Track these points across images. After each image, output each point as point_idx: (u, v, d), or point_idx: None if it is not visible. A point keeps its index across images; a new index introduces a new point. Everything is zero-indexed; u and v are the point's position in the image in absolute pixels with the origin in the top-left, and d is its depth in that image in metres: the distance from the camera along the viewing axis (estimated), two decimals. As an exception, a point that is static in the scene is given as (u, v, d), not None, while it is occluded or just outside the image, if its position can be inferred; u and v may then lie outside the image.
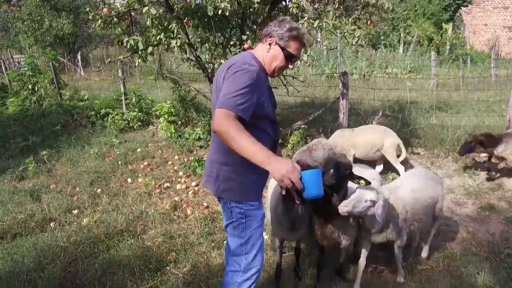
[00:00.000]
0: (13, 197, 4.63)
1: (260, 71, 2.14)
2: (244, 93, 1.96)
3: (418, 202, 3.20)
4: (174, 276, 3.13)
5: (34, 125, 7.73)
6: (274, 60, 2.19)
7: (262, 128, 2.19)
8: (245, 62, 2.08)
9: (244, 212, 2.21)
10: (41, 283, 3.00)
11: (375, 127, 5.70)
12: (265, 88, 2.17)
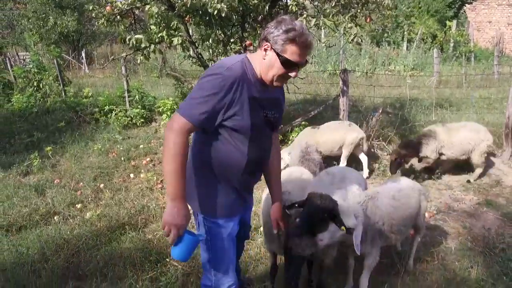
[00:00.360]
0: (18, 192, 4.74)
1: (242, 78, 1.88)
2: (206, 102, 1.81)
3: (397, 211, 2.89)
4: (174, 268, 3.21)
5: (38, 122, 7.86)
6: (270, 68, 1.89)
7: (233, 143, 1.96)
8: (223, 66, 1.88)
9: (208, 228, 2.08)
10: (45, 273, 3.10)
11: (339, 124, 5.79)
12: (244, 99, 1.89)
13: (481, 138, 5.16)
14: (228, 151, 1.96)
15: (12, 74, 10.12)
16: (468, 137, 5.16)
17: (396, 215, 2.85)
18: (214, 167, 2.00)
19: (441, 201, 4.86)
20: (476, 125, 5.43)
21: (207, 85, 1.83)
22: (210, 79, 1.84)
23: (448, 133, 5.20)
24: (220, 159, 1.98)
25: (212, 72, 1.86)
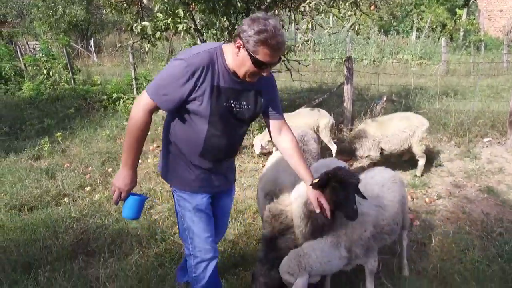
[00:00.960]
0: (30, 175, 4.91)
1: (208, 66, 1.95)
2: (169, 84, 1.93)
3: (386, 210, 2.66)
4: (178, 245, 3.35)
5: (49, 109, 8.04)
6: (242, 65, 1.94)
7: (193, 125, 2.07)
8: (191, 52, 1.96)
9: (177, 200, 2.26)
10: (55, 249, 3.26)
11: (309, 111, 5.85)
12: (207, 86, 1.96)
13: (415, 124, 5.00)
14: (187, 131, 2.10)
15: (22, 62, 10.29)
16: (400, 126, 4.99)
17: (385, 215, 2.64)
18: (177, 144, 2.16)
19: (442, 187, 4.91)
20: (407, 114, 5.32)
21: (172, 70, 1.95)
22: (176, 64, 1.95)
23: (379, 127, 5.02)
24: (181, 138, 2.14)
25: (179, 57, 1.96)
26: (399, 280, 2.98)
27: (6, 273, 2.95)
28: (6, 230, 3.58)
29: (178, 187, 2.23)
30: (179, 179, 2.21)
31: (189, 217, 2.23)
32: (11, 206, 4.03)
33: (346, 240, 2.45)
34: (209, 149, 2.13)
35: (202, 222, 2.24)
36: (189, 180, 2.20)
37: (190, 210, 2.22)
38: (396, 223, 2.75)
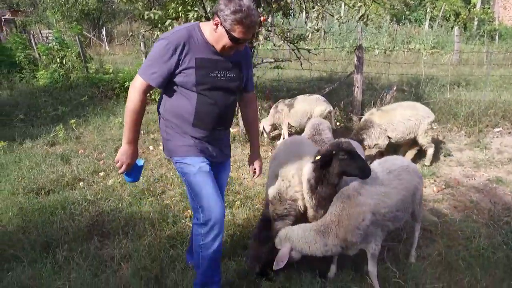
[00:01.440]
0: (46, 160, 5.06)
1: (188, 41, 2.15)
2: (155, 63, 2.16)
3: (388, 197, 2.68)
4: (189, 227, 3.46)
5: (62, 96, 8.20)
6: (220, 40, 2.16)
7: (183, 96, 2.28)
8: (171, 31, 2.22)
9: (180, 168, 2.40)
10: (72, 230, 3.40)
11: (307, 97, 5.91)
12: (190, 58, 2.17)
13: (421, 114, 4.96)
14: (179, 104, 2.30)
15: (36, 51, 10.46)
16: (406, 114, 4.97)
17: (387, 202, 2.65)
18: (171, 119, 2.36)
19: (451, 177, 4.93)
20: (412, 103, 5.28)
21: (157, 49, 2.17)
22: (159, 44, 2.17)
23: (385, 116, 5.01)
24: (174, 112, 2.34)
25: (162, 37, 2.19)
26: (404, 265, 3.04)
27: (26, 252, 3.10)
28: (25, 212, 3.73)
29: (179, 154, 2.38)
30: (179, 147, 2.38)
31: (196, 181, 2.34)
32: (29, 190, 4.18)
33: (340, 230, 2.55)
34: (200, 118, 2.32)
35: (209, 183, 2.35)
36: (188, 146, 2.37)
37: (195, 173, 2.34)
38: (402, 210, 2.75)
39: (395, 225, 2.82)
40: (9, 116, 7.17)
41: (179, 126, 2.35)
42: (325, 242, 2.57)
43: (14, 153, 5.30)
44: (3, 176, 4.51)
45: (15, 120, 7.00)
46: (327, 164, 2.60)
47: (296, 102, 5.83)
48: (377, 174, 2.76)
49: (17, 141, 5.87)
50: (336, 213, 2.59)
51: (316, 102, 5.69)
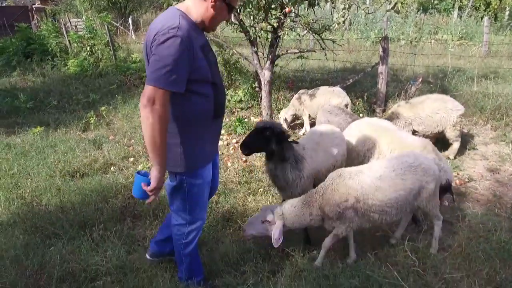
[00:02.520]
0: (79, 145, 5.33)
1: (191, 31, 2.00)
2: (175, 65, 1.89)
3: (380, 192, 2.76)
4: (215, 212, 3.63)
5: (92, 84, 8.51)
6: (219, 15, 2.12)
7: (201, 92, 2.12)
8: (172, 26, 1.93)
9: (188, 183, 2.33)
10: (106, 211, 3.63)
11: (325, 89, 5.95)
12: (198, 50, 2.04)
13: (449, 107, 4.91)
14: (198, 101, 2.12)
15: (67, 39, 10.81)
16: (434, 107, 4.91)
17: (378, 196, 2.74)
18: (188, 120, 2.14)
19: (474, 170, 4.91)
20: (441, 96, 5.19)
21: (169, 51, 1.89)
22: (169, 43, 1.90)
23: (412, 109, 4.98)
24: (193, 111, 2.13)
25: (168, 36, 1.90)
26: (424, 255, 3.11)
27: (65, 230, 3.34)
28: (62, 193, 3.99)
29: (193, 168, 2.25)
30: (195, 159, 2.24)
31: (196, 192, 2.34)
32: (65, 172, 4.45)
33: (322, 201, 2.79)
34: (218, 107, 2.24)
35: (206, 193, 2.45)
36: (204, 152, 2.28)
37: (200, 185, 2.33)
38: (394, 208, 2.80)
39: (385, 219, 2.86)
40: (43, 102, 7.52)
41: (195, 130, 2.19)
42: (310, 212, 2.82)
43: (49, 138, 5.59)
44: (41, 159, 4.80)
45: (49, 107, 7.34)
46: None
47: (316, 93, 5.90)
48: (379, 167, 2.87)
49: (52, 126, 6.18)
50: (324, 186, 2.84)
51: (333, 94, 5.73)
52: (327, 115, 4.84)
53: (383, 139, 3.69)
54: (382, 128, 3.85)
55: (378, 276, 2.78)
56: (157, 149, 1.99)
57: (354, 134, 3.89)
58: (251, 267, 2.86)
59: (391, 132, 3.78)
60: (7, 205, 3.78)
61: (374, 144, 3.71)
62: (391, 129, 3.84)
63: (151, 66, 1.93)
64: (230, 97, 7.23)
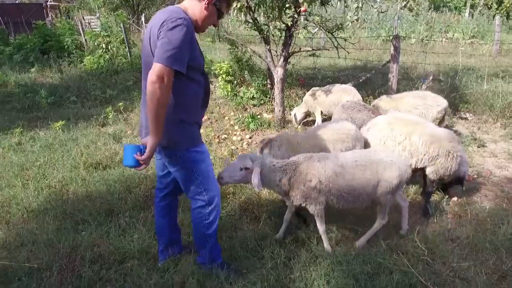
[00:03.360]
0: (99, 138, 5.56)
1: (191, 25, 2.28)
2: (182, 48, 2.16)
3: (340, 177, 3.04)
4: (233, 202, 3.82)
5: (109, 80, 8.74)
6: (209, 18, 2.38)
7: (196, 79, 2.39)
8: (179, 17, 2.20)
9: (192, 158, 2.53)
10: (130, 200, 3.83)
11: (337, 86, 6.05)
12: (195, 42, 2.34)
13: (428, 103, 4.95)
14: (193, 86, 2.39)
15: (84, 37, 11.07)
16: (413, 103, 4.98)
17: (338, 182, 3.02)
18: (182, 107, 2.36)
19: (483, 167, 5.02)
20: (422, 92, 5.26)
21: (177, 35, 2.15)
22: (178, 30, 2.16)
23: (392, 103, 5.07)
24: (189, 95, 2.38)
25: (177, 23, 2.16)
26: (433, 245, 3.26)
27: (93, 217, 3.55)
28: (87, 183, 4.21)
29: (191, 144, 2.49)
30: (191, 137, 2.49)
31: (205, 166, 2.57)
32: (88, 164, 4.66)
33: (293, 175, 3.04)
34: (206, 97, 2.53)
35: (212, 167, 2.67)
36: (197, 134, 2.56)
37: (203, 159, 2.56)
38: (352, 195, 3.08)
39: (342, 204, 3.13)
40: (62, 98, 7.77)
41: (188, 116, 2.43)
42: (280, 178, 3.04)
43: (71, 132, 5.83)
44: (65, 151, 5.02)
45: (67, 102, 7.59)
46: None
47: (329, 91, 6.03)
48: (345, 157, 3.15)
49: (72, 121, 6.42)
50: (298, 163, 3.09)
51: (344, 92, 5.85)
52: (349, 112, 4.87)
53: (414, 132, 3.81)
54: (412, 121, 3.95)
55: (389, 263, 2.94)
56: (159, 120, 2.22)
57: (383, 128, 3.98)
58: (268, 253, 3.04)
59: (421, 124, 3.90)
60: (36, 194, 4.01)
61: (406, 137, 3.81)
62: (421, 122, 3.97)
63: (160, 47, 2.14)
64: (243, 93, 7.40)
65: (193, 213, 2.70)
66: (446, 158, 3.77)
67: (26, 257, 3.04)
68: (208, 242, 2.73)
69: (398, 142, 3.85)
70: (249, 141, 5.79)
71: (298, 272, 2.84)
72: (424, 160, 3.81)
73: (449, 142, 3.76)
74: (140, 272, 2.82)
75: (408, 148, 3.80)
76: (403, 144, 3.82)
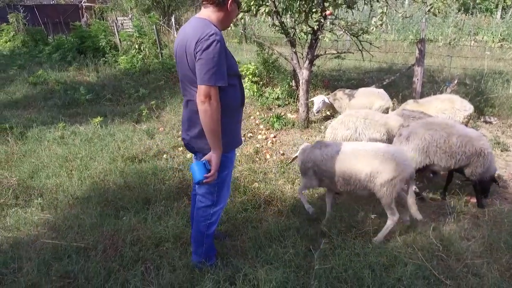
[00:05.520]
0: (134, 134, 5.95)
1: (221, 35, 2.36)
2: (220, 64, 2.29)
3: (328, 161, 3.46)
4: (257, 196, 4.09)
5: (141, 80, 9.20)
6: (234, 14, 2.55)
7: (232, 83, 2.50)
8: (210, 33, 2.29)
9: (223, 163, 2.61)
10: (164, 190, 4.17)
11: (369, 90, 6.10)
12: (227, 50, 2.44)
13: (456, 107, 4.99)
14: (231, 90, 2.50)
15: (118, 37, 11.62)
16: (441, 107, 5.02)
17: (326, 166, 3.48)
18: (225, 109, 2.45)
19: (505, 171, 5.08)
20: (450, 96, 5.25)
21: (218, 52, 2.28)
22: (212, 47, 2.27)
23: (420, 108, 5.05)
24: (228, 100, 2.49)
25: (210, 41, 2.28)
26: (448, 242, 3.41)
27: (131, 204, 3.91)
28: (125, 175, 4.58)
29: (227, 149, 2.60)
30: (228, 142, 2.58)
31: (226, 172, 2.71)
32: (125, 158, 5.05)
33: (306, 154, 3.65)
34: (242, 96, 2.66)
35: (230, 177, 2.84)
36: (237, 134, 2.70)
37: (228, 166, 2.69)
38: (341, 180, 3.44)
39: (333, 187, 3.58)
40: (99, 95, 8.27)
41: (231, 113, 2.55)
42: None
43: (108, 127, 6.26)
44: (103, 145, 5.44)
45: (103, 100, 8.08)
46: None
47: (357, 93, 6.12)
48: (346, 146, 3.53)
49: (109, 117, 6.86)
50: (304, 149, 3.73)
51: (377, 96, 5.93)
52: (407, 120, 4.63)
53: (451, 134, 3.94)
54: (447, 124, 4.07)
55: (404, 256, 3.14)
56: (216, 135, 2.40)
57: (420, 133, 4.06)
58: (290, 242, 3.29)
59: (454, 126, 4.03)
60: (80, 183, 4.41)
61: (445, 140, 3.92)
62: (452, 124, 4.09)
63: (200, 69, 2.28)
64: (268, 94, 7.66)
65: (198, 212, 2.85)
66: (479, 156, 3.93)
67: (73, 238, 3.41)
68: (205, 241, 2.89)
69: (439, 147, 3.93)
70: (274, 140, 6.04)
71: (318, 260, 3.07)
72: (461, 161, 3.95)
73: (479, 141, 3.93)
74: (174, 254, 3.13)
75: (449, 150, 3.92)
76: (443, 148, 3.93)
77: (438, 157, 3.94)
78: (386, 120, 4.52)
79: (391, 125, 4.49)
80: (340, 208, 3.89)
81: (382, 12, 5.19)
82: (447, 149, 3.93)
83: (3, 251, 3.26)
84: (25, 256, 3.13)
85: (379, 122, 4.46)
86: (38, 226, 3.65)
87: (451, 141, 3.93)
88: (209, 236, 2.90)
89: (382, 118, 4.58)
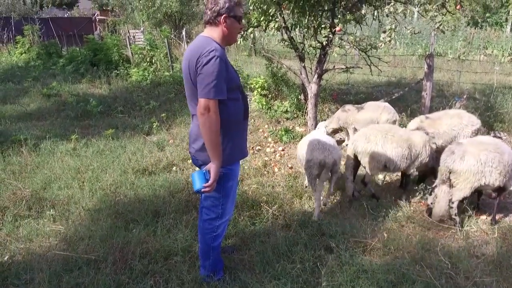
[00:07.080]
0: (145, 146, 6.05)
1: (222, 51, 2.48)
2: (220, 78, 2.39)
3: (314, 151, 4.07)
4: (266, 210, 4.11)
5: (152, 92, 9.36)
6: (234, 30, 2.59)
7: (235, 97, 2.58)
8: (211, 49, 2.40)
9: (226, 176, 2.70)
10: (173, 203, 4.22)
11: (375, 104, 6.10)
12: (229, 65, 2.55)
13: (464, 123, 5.03)
14: (233, 105, 2.58)
15: (130, 50, 11.87)
16: (450, 123, 5.04)
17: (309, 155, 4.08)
18: (227, 122, 2.54)
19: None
20: (458, 111, 5.27)
21: (213, 68, 2.37)
22: (212, 62, 2.38)
23: (432, 124, 5.09)
24: (230, 113, 2.57)
25: (210, 57, 2.38)
26: (457, 259, 3.40)
27: (141, 217, 3.96)
28: (135, 187, 4.66)
29: (231, 161, 2.67)
30: (231, 154, 2.66)
31: (231, 186, 2.77)
32: (136, 170, 5.13)
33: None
34: (246, 109, 2.73)
35: (235, 189, 2.87)
36: (242, 147, 2.76)
37: (232, 178, 2.75)
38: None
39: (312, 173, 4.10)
40: (110, 107, 8.43)
41: (234, 129, 2.63)
42: None
43: (119, 139, 6.37)
44: (115, 157, 5.54)
45: (115, 112, 8.23)
46: None
47: (365, 107, 6.14)
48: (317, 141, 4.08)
49: (120, 129, 6.98)
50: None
51: (384, 110, 5.95)
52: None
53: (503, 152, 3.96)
54: (489, 141, 4.09)
55: (412, 274, 3.13)
56: (215, 147, 2.47)
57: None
58: (298, 257, 3.31)
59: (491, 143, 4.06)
60: (91, 195, 4.49)
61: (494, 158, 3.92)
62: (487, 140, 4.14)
63: (201, 83, 2.39)
64: (277, 107, 7.74)
65: (203, 224, 2.89)
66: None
67: (84, 249, 3.47)
68: (212, 254, 2.93)
69: (494, 167, 3.89)
70: (282, 153, 6.08)
71: (325, 277, 3.08)
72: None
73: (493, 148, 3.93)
74: (183, 268, 3.17)
75: (500, 168, 3.90)
76: (495, 166, 3.90)
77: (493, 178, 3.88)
78: (409, 136, 4.55)
79: (414, 141, 4.51)
80: (347, 220, 3.90)
81: (391, 28, 5.25)
82: (503, 169, 3.89)
83: (16, 262, 3.33)
84: (37, 267, 3.20)
85: (403, 137, 4.48)
86: (50, 237, 3.72)
87: (504, 159, 3.88)
88: (215, 249, 2.94)
89: (405, 133, 4.60)
